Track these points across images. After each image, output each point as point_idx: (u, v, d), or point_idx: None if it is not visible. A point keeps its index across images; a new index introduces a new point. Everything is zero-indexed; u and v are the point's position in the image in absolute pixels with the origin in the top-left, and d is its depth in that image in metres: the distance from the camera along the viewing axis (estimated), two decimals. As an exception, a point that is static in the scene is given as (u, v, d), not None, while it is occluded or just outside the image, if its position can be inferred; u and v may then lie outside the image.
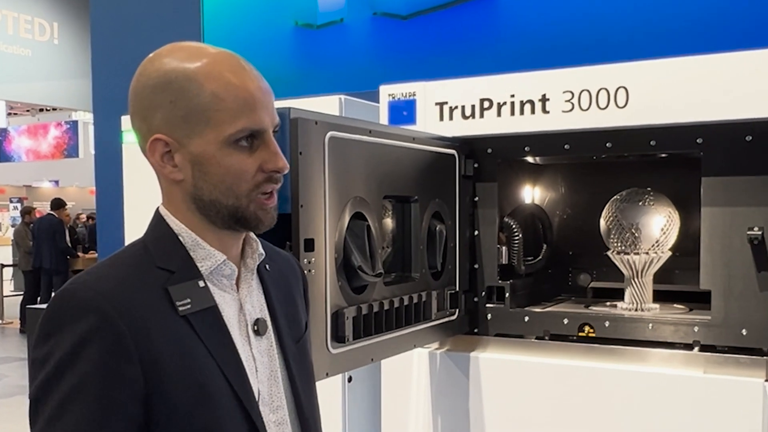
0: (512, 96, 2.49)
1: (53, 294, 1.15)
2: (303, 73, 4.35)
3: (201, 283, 1.18)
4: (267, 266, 1.32)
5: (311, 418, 1.33)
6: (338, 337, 1.91)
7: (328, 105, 2.90)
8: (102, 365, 1.07)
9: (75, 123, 19.21)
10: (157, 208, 1.24)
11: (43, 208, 14.75)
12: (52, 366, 1.07)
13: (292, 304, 1.38)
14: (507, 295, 2.55)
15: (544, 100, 2.44)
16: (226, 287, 1.23)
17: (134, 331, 1.09)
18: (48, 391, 1.07)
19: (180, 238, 1.20)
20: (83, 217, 15.63)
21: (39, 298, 11.46)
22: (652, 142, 2.33)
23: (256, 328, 1.25)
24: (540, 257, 2.91)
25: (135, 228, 3.20)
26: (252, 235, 1.29)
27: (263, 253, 1.29)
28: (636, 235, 2.56)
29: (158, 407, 1.10)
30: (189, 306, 1.15)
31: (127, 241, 1.27)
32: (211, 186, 1.17)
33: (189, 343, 1.14)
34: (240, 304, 1.24)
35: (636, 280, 2.58)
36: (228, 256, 1.22)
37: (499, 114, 2.51)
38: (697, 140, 2.26)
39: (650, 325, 2.36)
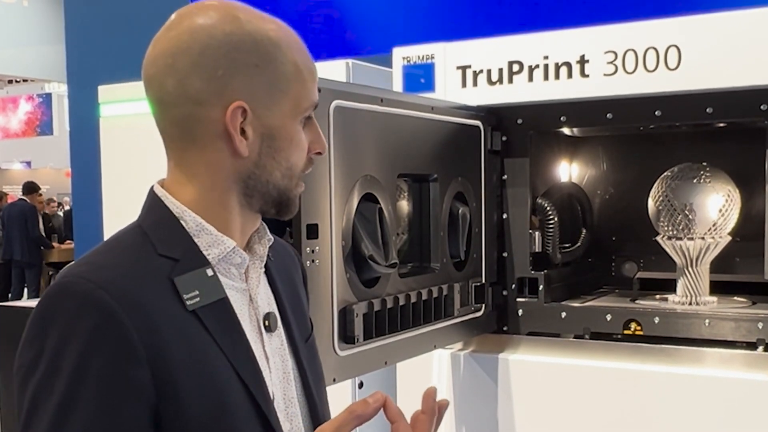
0: (546, 58, 2.48)
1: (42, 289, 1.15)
2: (305, 34, 4.33)
3: (209, 272, 1.18)
4: (270, 255, 1.31)
5: None
6: (347, 338, 1.91)
7: (333, 70, 2.91)
8: (107, 371, 1.05)
9: (48, 96, 19.32)
10: (152, 188, 1.23)
11: (14, 192, 14.85)
12: (45, 372, 1.05)
13: (297, 298, 1.38)
14: (541, 287, 2.55)
15: (582, 62, 2.43)
16: (234, 277, 1.22)
17: (142, 329, 1.07)
18: (41, 402, 1.04)
19: (182, 222, 1.19)
20: (66, 200, 15.49)
21: (10, 294, 11.57)
22: (708, 110, 2.31)
23: (266, 323, 1.25)
24: (579, 244, 2.91)
25: (115, 214, 3.19)
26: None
27: (272, 238, 1.30)
28: (690, 217, 2.55)
29: (171, 419, 1.08)
30: (198, 299, 1.15)
31: (107, 229, 1.26)
32: (276, 164, 1.20)
33: (200, 343, 1.13)
34: (249, 296, 1.24)
35: (690, 269, 2.56)
36: (239, 242, 1.22)
37: (530, 79, 2.50)
38: (762, 107, 2.24)
39: (707, 321, 2.34)
